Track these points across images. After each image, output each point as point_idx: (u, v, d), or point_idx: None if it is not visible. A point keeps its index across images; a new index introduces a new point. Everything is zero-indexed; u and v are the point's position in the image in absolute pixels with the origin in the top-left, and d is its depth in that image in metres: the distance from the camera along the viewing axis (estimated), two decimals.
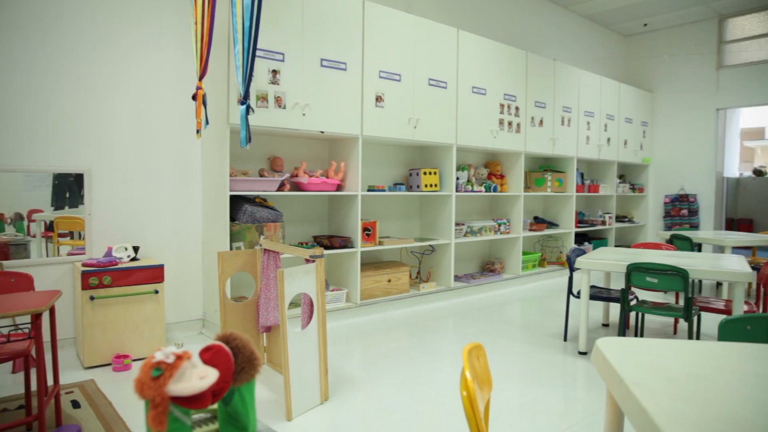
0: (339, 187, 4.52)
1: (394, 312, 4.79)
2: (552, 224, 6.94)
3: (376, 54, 4.52)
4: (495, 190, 5.87)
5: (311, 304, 2.75)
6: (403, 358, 3.55)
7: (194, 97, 3.38)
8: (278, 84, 3.90)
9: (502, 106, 5.72)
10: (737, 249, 8.14)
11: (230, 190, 3.76)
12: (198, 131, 3.39)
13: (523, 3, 6.81)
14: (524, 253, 6.36)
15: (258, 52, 3.73)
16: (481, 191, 5.71)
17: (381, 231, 5.19)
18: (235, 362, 1.13)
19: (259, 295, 3.21)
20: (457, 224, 5.47)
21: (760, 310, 3.56)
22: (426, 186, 5.09)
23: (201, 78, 3.39)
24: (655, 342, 1.51)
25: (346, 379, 3.14)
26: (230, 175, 3.78)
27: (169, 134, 3.96)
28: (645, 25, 8.25)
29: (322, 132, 4.20)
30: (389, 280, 4.83)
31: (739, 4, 7.38)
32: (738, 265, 3.40)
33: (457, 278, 5.65)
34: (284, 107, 3.94)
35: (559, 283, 6.34)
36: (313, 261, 2.76)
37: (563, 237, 6.97)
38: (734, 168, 11.65)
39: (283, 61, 3.92)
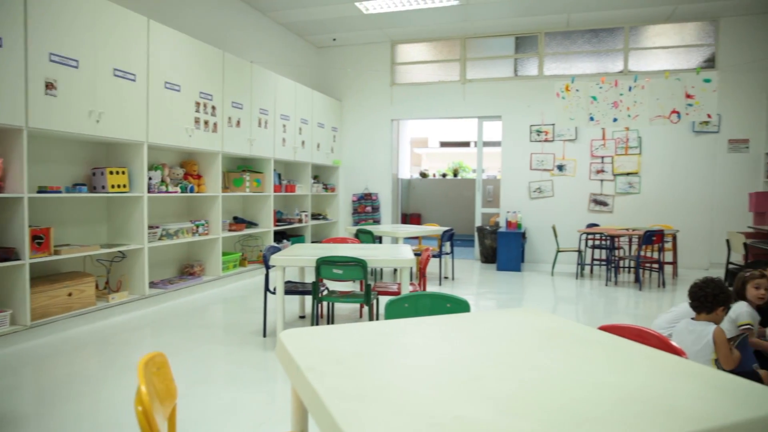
0: None
1: (79, 329, 4.23)
2: (251, 224, 7.07)
3: (45, 34, 3.90)
4: (192, 190, 5.68)
5: None
6: (88, 381, 3.16)
7: None
8: None
9: (198, 104, 5.57)
10: (408, 239, 9.60)
11: None
12: None
13: (220, 1, 6.75)
14: (224, 254, 6.33)
15: None
16: (176, 192, 5.46)
17: (58, 238, 4.51)
18: None
19: None
20: (150, 227, 5.13)
21: (421, 288, 4.27)
22: (113, 187, 4.62)
23: None
24: (332, 328, 1.67)
25: (9, 419, 2.65)
26: None
27: None
28: (334, 39, 9.05)
29: None
30: (70, 294, 4.24)
31: (406, 34, 8.72)
32: (405, 253, 4.01)
33: (153, 285, 5.29)
34: None
35: (260, 281, 6.49)
36: None
37: (263, 236, 7.16)
38: (406, 170, 13.71)
39: None
